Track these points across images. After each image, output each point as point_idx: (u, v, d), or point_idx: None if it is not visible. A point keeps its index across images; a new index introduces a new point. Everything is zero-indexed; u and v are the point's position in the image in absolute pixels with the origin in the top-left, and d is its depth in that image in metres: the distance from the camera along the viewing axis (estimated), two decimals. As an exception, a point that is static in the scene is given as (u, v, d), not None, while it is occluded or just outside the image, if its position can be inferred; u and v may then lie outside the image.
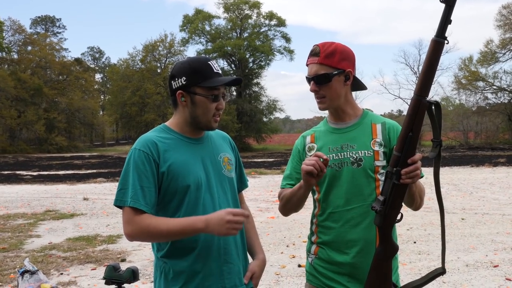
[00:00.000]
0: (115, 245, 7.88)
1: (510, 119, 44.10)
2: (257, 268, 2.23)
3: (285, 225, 9.30)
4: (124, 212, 1.98)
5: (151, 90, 47.05)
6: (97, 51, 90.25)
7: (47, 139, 50.85)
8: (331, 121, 2.30)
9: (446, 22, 1.82)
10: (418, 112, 1.89)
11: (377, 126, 2.24)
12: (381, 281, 2.05)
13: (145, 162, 1.99)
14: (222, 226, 1.90)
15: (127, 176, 1.99)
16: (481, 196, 12.76)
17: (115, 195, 2.02)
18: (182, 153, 2.07)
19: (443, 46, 1.85)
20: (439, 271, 2.11)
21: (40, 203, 13.36)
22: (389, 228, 2.00)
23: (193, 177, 2.04)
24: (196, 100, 2.06)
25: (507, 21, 44.39)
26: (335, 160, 2.19)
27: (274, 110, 54.72)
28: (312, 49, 2.19)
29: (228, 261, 2.09)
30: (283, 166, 25.30)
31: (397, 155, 1.92)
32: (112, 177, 21.08)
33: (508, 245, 7.11)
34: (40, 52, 56.12)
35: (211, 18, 53.55)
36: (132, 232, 1.96)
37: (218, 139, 2.26)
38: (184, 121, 2.12)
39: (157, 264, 2.13)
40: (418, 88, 1.89)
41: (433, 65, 1.87)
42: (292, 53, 54.50)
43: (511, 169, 20.92)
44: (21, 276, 3.93)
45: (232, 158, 2.26)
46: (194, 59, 2.11)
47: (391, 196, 1.94)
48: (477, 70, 46.64)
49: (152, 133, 2.11)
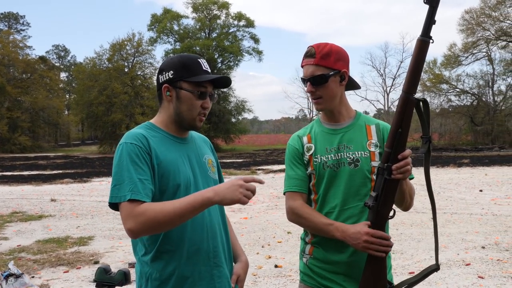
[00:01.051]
0: (86, 247, 7.72)
1: (472, 121, 45.29)
2: (242, 271, 2.16)
3: (258, 225, 9.30)
4: (123, 208, 1.81)
5: (118, 89, 46.37)
6: (62, 49, 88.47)
7: (10, 139, 49.56)
8: (325, 122, 2.31)
9: (430, 22, 1.90)
10: (406, 109, 1.94)
11: (371, 127, 2.27)
12: (376, 278, 2.08)
13: (139, 155, 1.88)
14: (234, 191, 1.77)
15: (121, 170, 1.85)
16: (448, 196, 13.04)
17: (110, 193, 1.87)
18: (170, 151, 1.99)
19: (428, 45, 1.93)
20: (433, 268, 2.15)
21: (5, 204, 12.98)
22: (382, 224, 2.04)
23: (183, 176, 1.96)
24: (181, 95, 2.00)
25: (470, 26, 45.59)
26: (333, 161, 2.20)
27: (243, 111, 54.84)
28: (307, 51, 2.20)
29: (218, 265, 2.01)
30: (252, 167, 25.33)
31: (388, 151, 1.97)
32: (79, 177, 20.69)
33: (478, 244, 7.28)
34: (3, 50, 54.68)
35: (179, 18, 53.25)
36: (136, 226, 1.78)
37: (200, 141, 2.22)
38: (168, 118, 2.05)
39: (141, 271, 1.97)
40: (406, 86, 1.94)
41: (419, 63, 1.94)
42: (260, 54, 54.76)
43: (475, 169, 21.48)
44: (5, 280, 3.80)
45: (214, 161, 2.21)
46: (185, 55, 2.07)
47: (383, 192, 1.99)
48: (441, 73, 47.75)
49: (139, 129, 2.01)
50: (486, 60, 47.18)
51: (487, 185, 15.09)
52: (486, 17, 44.99)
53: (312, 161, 2.23)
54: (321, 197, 2.22)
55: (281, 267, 6.25)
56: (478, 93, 47.48)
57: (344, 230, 2.07)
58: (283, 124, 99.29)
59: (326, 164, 2.20)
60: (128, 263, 6.42)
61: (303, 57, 2.22)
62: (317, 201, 2.24)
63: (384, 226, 2.05)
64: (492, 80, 46.90)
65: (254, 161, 31.99)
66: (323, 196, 2.22)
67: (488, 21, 45.15)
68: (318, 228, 2.16)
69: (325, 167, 2.20)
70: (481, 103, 46.74)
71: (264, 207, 11.79)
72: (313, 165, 2.22)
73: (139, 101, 47.69)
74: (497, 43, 46.10)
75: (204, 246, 1.97)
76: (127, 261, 6.62)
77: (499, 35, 45.12)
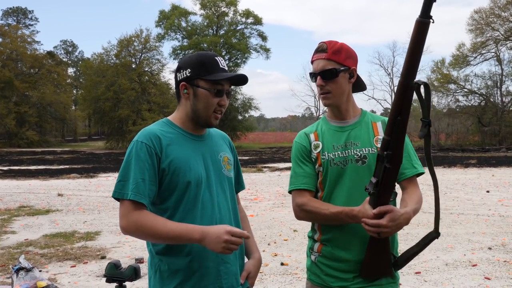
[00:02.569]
0: (93, 242, 7.76)
1: (480, 121, 45.06)
2: (253, 268, 2.20)
3: (265, 223, 9.31)
4: (123, 205, 1.93)
5: (126, 85, 46.51)
6: (70, 44, 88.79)
7: (18, 134, 49.87)
8: (332, 119, 2.31)
9: (430, 1, 1.77)
10: (405, 95, 1.91)
11: (378, 124, 2.29)
12: (380, 252, 2.12)
13: (147, 155, 1.95)
14: (218, 244, 1.87)
15: (128, 168, 1.95)
16: (455, 196, 13.00)
17: (114, 187, 1.97)
18: (184, 148, 2.04)
19: (428, 26, 1.80)
20: (433, 235, 2.14)
21: (13, 198, 13.07)
22: None
23: (194, 173, 2.01)
24: (198, 93, 2.04)
25: (479, 26, 45.33)
26: (340, 158, 2.21)
27: (249, 108, 54.81)
28: (318, 46, 2.22)
29: (225, 261, 2.05)
30: (259, 165, 25.32)
31: (387, 139, 1.97)
32: (85, 173, 20.78)
33: (484, 245, 7.26)
34: (11, 44, 54.97)
35: (187, 15, 53.29)
36: (128, 227, 1.92)
37: (218, 138, 2.24)
38: (185, 115, 2.09)
39: (152, 262, 2.06)
40: (403, 72, 1.89)
41: (418, 47, 1.83)
42: (268, 51, 54.72)
43: (482, 170, 21.38)
44: (16, 273, 3.82)
45: (231, 158, 2.24)
46: (202, 53, 2.10)
47: (383, 179, 2.00)
48: (449, 73, 47.51)
49: (155, 126, 2.07)
50: (494, 61, 46.93)
51: (494, 186, 15.02)
52: (496, 17, 44.74)
53: (320, 158, 2.23)
54: (328, 194, 2.23)
55: (287, 265, 6.26)
56: (486, 93, 47.21)
57: (353, 215, 2.07)
58: (290, 122, 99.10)
59: (333, 161, 2.20)
60: (135, 258, 6.45)
61: (314, 52, 2.24)
62: (324, 199, 2.24)
63: None
64: (501, 81, 46.62)
65: (260, 158, 31.99)
66: (329, 194, 2.22)
67: (498, 21, 44.90)
68: (329, 218, 2.16)
69: (332, 164, 2.20)
70: (489, 104, 46.48)
71: (270, 205, 11.80)
72: (321, 162, 2.22)
73: (146, 97, 47.83)
74: (506, 43, 45.81)
75: None
76: (134, 256, 6.64)
77: (508, 35, 44.84)
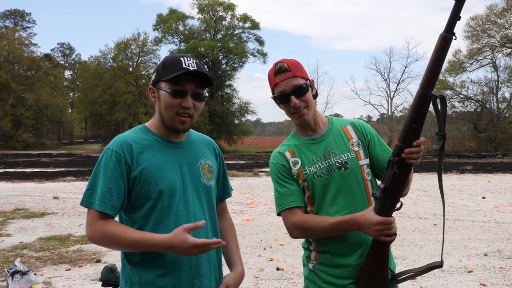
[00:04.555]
0: (89, 245, 7.72)
1: (476, 127, 45.19)
2: (232, 281, 2.08)
3: (261, 228, 9.29)
4: (89, 213, 1.89)
5: (122, 88, 46.46)
6: (67, 47, 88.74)
7: (14, 136, 49.72)
8: (302, 134, 2.29)
9: (455, 18, 1.84)
10: (422, 104, 1.93)
11: (347, 127, 2.30)
12: (378, 265, 2.11)
13: (116, 164, 1.89)
14: (187, 250, 1.79)
15: (97, 176, 1.91)
16: (451, 202, 13.00)
17: (83, 194, 1.93)
18: (158, 156, 1.96)
19: (450, 42, 1.87)
20: (437, 264, 2.14)
21: (8, 201, 13.02)
22: (389, 215, 2.04)
23: (167, 182, 1.93)
24: (160, 95, 1.96)
25: (475, 32, 45.51)
26: (322, 169, 2.19)
27: (246, 113, 54.83)
28: (278, 67, 2.17)
29: (200, 274, 1.97)
30: (255, 169, 25.30)
31: (399, 145, 1.97)
32: (81, 176, 20.70)
33: (480, 251, 7.26)
34: (8, 47, 54.87)
35: (185, 19, 53.36)
36: (93, 236, 1.88)
37: (201, 144, 2.14)
38: (158, 121, 2.02)
39: (123, 271, 1.99)
40: (423, 81, 1.93)
41: (439, 60, 1.90)
42: (265, 56, 54.84)
43: (478, 176, 21.41)
44: (11, 276, 3.80)
45: (214, 165, 2.14)
46: (169, 56, 2.02)
47: (391, 185, 1.99)
48: (445, 79, 47.62)
49: (129, 133, 2.01)
50: (490, 67, 47.12)
51: (490, 192, 15.04)
52: (492, 24, 44.92)
53: (302, 173, 2.20)
54: (319, 207, 2.21)
55: (283, 270, 6.25)
56: (482, 99, 47.37)
57: (355, 221, 2.06)
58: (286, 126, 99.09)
59: (316, 173, 2.19)
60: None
61: (273, 75, 2.19)
62: (315, 212, 2.22)
63: (390, 216, 2.04)
64: (497, 87, 46.81)
65: (257, 163, 31.97)
66: (320, 206, 2.20)
67: (494, 28, 45.09)
68: (330, 230, 2.13)
69: (316, 176, 2.18)
70: (485, 110, 46.64)
71: (266, 209, 11.78)
72: (305, 177, 2.20)
73: (143, 101, 47.75)
74: (502, 50, 46.01)
75: (185, 256, 1.90)
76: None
77: (504, 42, 45.03)
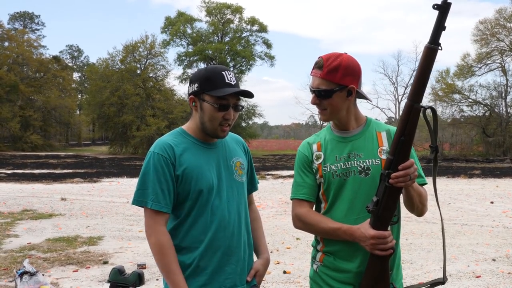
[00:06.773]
0: (96, 246, 7.76)
1: (484, 132, 44.93)
2: (261, 267, 2.34)
3: (268, 231, 9.28)
4: (146, 214, 2.09)
5: (130, 91, 46.57)
6: (75, 49, 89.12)
7: (22, 137, 49.88)
8: (336, 129, 2.29)
9: (439, 29, 1.85)
10: (410, 117, 1.93)
11: (382, 134, 2.25)
12: (377, 280, 2.08)
13: (164, 166, 2.08)
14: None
15: (147, 178, 2.08)
16: (459, 207, 12.94)
17: (134, 195, 2.10)
18: (196, 157, 2.15)
19: (436, 53, 1.87)
20: (439, 281, 2.15)
21: (16, 202, 13.09)
22: (384, 229, 2.03)
23: (206, 181, 2.13)
24: (204, 107, 2.14)
25: (484, 36, 45.28)
26: (342, 170, 2.19)
27: (253, 115, 54.75)
28: (316, 61, 2.17)
29: (233, 262, 2.19)
30: (262, 172, 25.28)
31: (390, 158, 1.97)
32: (89, 177, 20.79)
33: (488, 256, 7.22)
34: (17, 49, 55.13)
35: (193, 21, 53.40)
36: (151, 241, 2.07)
37: (232, 143, 2.35)
38: (196, 126, 2.21)
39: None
40: (410, 94, 1.95)
41: (425, 71, 1.90)
42: (273, 59, 54.67)
43: (486, 181, 21.29)
44: (19, 277, 3.82)
45: (244, 162, 2.35)
46: (210, 67, 2.19)
47: (383, 198, 1.99)
48: (453, 83, 47.40)
49: (168, 137, 2.20)
50: (499, 71, 46.79)
51: (498, 197, 14.95)
52: (501, 28, 44.70)
53: (321, 169, 2.21)
54: (330, 206, 2.22)
55: (289, 273, 6.24)
56: (491, 104, 47.08)
57: (351, 233, 2.09)
58: (293, 130, 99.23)
59: (335, 173, 2.18)
60: (137, 264, 6.44)
61: (313, 66, 2.20)
62: (326, 210, 2.23)
63: (385, 230, 2.03)
64: (505, 91, 46.48)
65: (264, 166, 31.94)
66: (331, 206, 2.21)
67: (503, 32, 44.83)
68: (326, 233, 2.19)
69: (334, 176, 2.18)
70: (493, 114, 46.35)
71: (273, 212, 11.78)
72: (322, 173, 2.21)
73: (151, 103, 47.87)
74: (511, 54, 45.75)
75: (221, 245, 2.15)
76: (136, 262, 6.63)
77: (514, 46, 44.79)
